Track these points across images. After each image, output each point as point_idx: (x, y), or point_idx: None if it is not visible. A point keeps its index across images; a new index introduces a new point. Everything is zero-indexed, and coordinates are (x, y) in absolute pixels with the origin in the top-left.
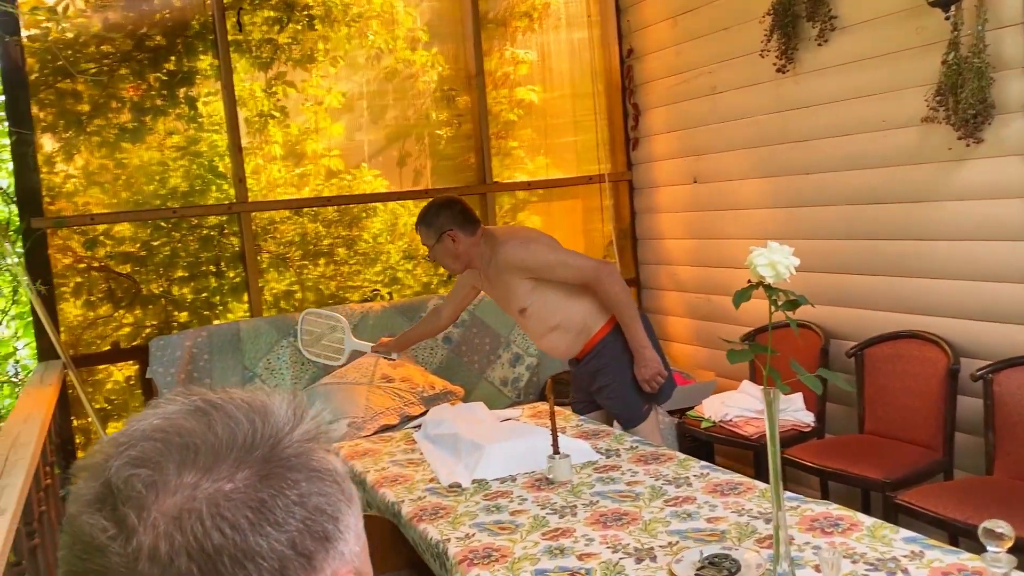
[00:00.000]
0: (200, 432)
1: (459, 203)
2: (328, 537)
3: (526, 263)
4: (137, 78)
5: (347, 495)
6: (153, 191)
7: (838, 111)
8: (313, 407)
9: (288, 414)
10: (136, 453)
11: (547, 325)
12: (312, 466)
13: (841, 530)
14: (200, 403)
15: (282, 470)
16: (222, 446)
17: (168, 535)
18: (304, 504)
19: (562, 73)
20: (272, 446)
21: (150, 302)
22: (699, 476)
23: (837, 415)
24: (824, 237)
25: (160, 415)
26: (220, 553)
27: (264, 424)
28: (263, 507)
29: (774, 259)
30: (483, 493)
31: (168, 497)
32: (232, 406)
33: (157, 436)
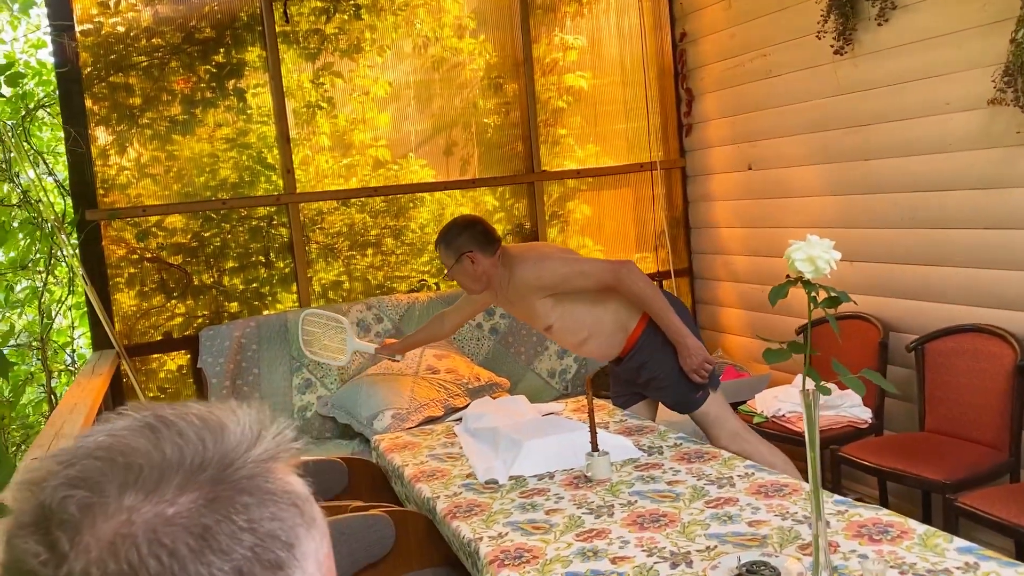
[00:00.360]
0: (146, 451)
1: (480, 223)
2: (280, 565)
3: (542, 281)
4: (187, 71)
5: (307, 518)
6: (203, 183)
7: (899, 94)
8: (276, 424)
9: (246, 433)
10: (75, 473)
11: (578, 337)
12: (267, 488)
13: (890, 538)
14: (151, 419)
15: (232, 493)
16: (168, 466)
17: (100, 562)
18: (254, 530)
19: (612, 58)
20: (223, 467)
21: (201, 292)
22: (743, 476)
23: (896, 412)
24: (884, 226)
25: (107, 431)
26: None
27: (216, 443)
28: (207, 533)
29: (813, 253)
30: (519, 490)
31: (105, 521)
32: (184, 422)
33: (99, 454)
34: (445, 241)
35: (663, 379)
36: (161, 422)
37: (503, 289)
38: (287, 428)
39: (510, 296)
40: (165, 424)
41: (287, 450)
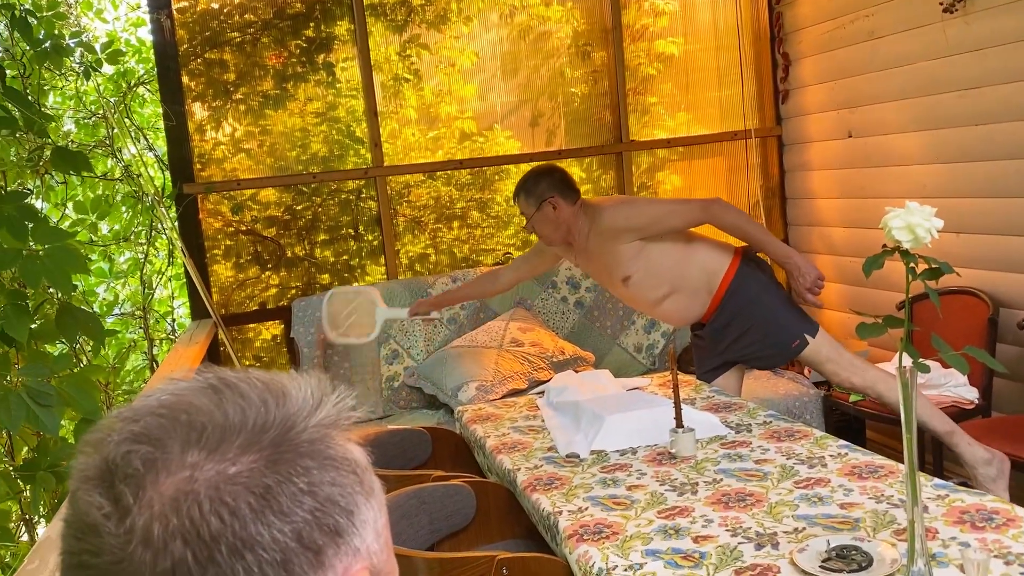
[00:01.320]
0: (208, 410)
1: (559, 171)
2: (339, 531)
3: (632, 221)
4: (278, 46)
5: (366, 487)
6: (295, 157)
7: (1014, 53)
8: (336, 392)
9: (307, 398)
10: (138, 428)
11: (657, 293)
12: (327, 454)
13: (995, 525)
14: (214, 380)
15: (293, 456)
16: (230, 426)
17: (163, 516)
18: (314, 494)
19: (705, 23)
20: (285, 430)
21: (294, 264)
22: (836, 456)
23: (1006, 391)
24: (996, 195)
25: (170, 391)
26: (217, 540)
27: (278, 406)
28: (268, 493)
29: (912, 221)
30: (600, 465)
31: (168, 477)
32: (247, 385)
33: (162, 412)
34: (525, 190)
35: (756, 331)
36: (224, 383)
37: (582, 240)
38: (347, 396)
39: (591, 247)
40: (227, 386)
41: (347, 418)
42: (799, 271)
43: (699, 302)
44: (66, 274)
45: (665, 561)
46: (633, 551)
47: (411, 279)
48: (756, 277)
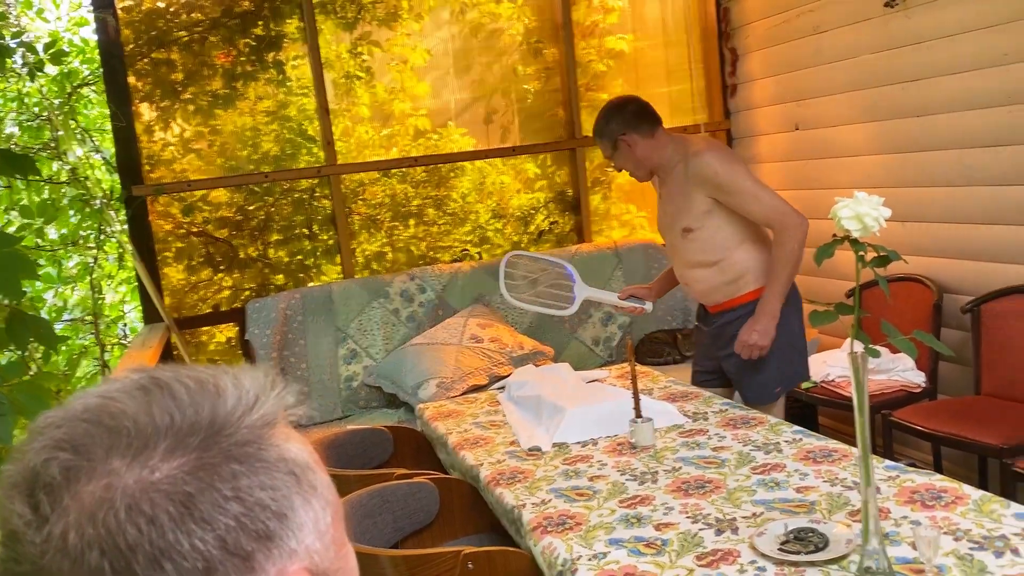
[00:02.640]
0: (133, 414)
1: (631, 103)
2: (270, 535)
3: (719, 179)
4: (227, 44)
5: (306, 487)
6: (246, 156)
7: (953, 46)
8: (278, 388)
9: (243, 397)
10: (60, 435)
11: (704, 258)
12: (259, 456)
13: (944, 504)
14: (146, 380)
15: (220, 460)
16: (156, 430)
17: (79, 526)
18: (241, 499)
19: (654, 19)
20: (214, 432)
21: (247, 265)
22: (791, 442)
23: (951, 375)
24: (938, 184)
25: (100, 392)
26: (134, 550)
27: (210, 407)
28: (189, 501)
29: (860, 211)
30: (563, 457)
31: (87, 485)
32: (178, 384)
33: (87, 416)
34: (598, 131)
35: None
36: (155, 384)
37: (668, 175)
38: (288, 393)
39: (673, 182)
40: (158, 386)
41: (286, 415)
42: (759, 329)
43: (726, 291)
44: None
45: (628, 549)
46: (597, 541)
47: (368, 278)
48: (787, 311)
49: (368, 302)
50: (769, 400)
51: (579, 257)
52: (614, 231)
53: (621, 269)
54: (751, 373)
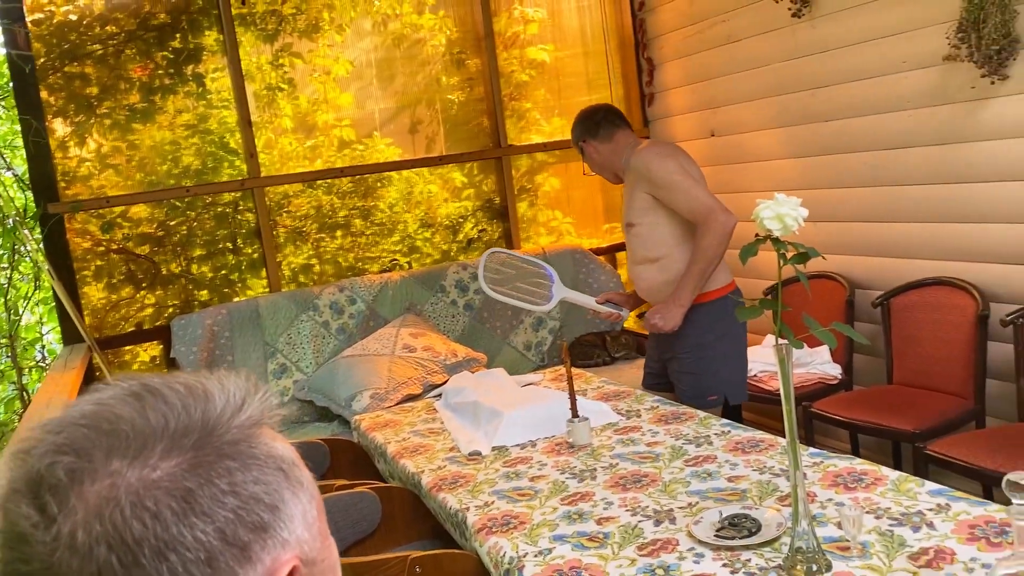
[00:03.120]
0: (130, 418)
1: (593, 111)
2: (264, 527)
3: (651, 174)
4: (144, 57)
5: (293, 481)
6: (166, 171)
7: (856, 54)
8: (262, 390)
9: (230, 399)
10: (61, 440)
11: (646, 253)
12: (250, 453)
13: (865, 485)
14: (137, 387)
15: (214, 457)
16: (152, 432)
17: (86, 523)
18: (237, 493)
19: (573, 30)
20: (206, 433)
21: (170, 282)
22: (720, 434)
23: (865, 366)
24: (847, 185)
25: (93, 400)
26: (140, 544)
27: (201, 410)
28: (189, 496)
29: (781, 211)
30: (503, 460)
31: (91, 485)
32: (169, 390)
33: (84, 422)
34: (572, 139)
35: (691, 361)
36: (146, 390)
37: (627, 174)
38: (271, 395)
39: (626, 182)
40: (150, 392)
41: (272, 416)
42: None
43: (667, 291)
44: None
45: (572, 544)
46: (541, 538)
47: (296, 291)
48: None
49: (297, 315)
50: (704, 406)
51: None
52: (542, 237)
53: None
54: (689, 378)
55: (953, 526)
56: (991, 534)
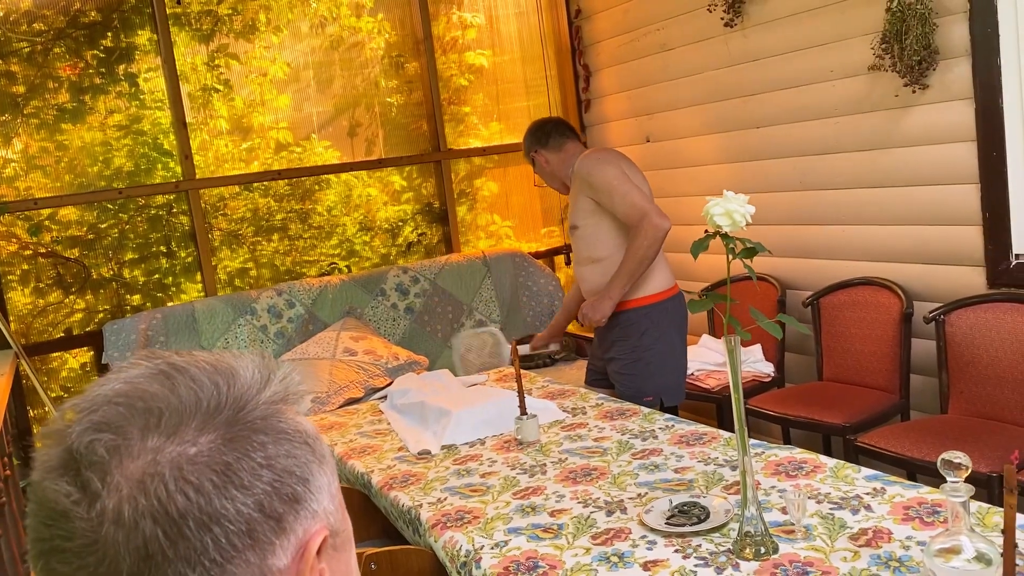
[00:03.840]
0: (163, 396)
1: (544, 123)
2: (297, 499)
3: (591, 178)
4: (73, 56)
5: (319, 455)
6: (97, 172)
7: (786, 63)
8: (282, 368)
9: (255, 376)
10: (98, 418)
11: (588, 254)
12: (280, 428)
13: (805, 472)
14: (164, 366)
15: (248, 432)
16: (186, 410)
17: (132, 498)
18: (272, 466)
19: (511, 36)
20: (238, 409)
21: (101, 286)
22: (664, 428)
23: (796, 364)
24: (778, 189)
25: (123, 379)
26: (185, 517)
27: (229, 387)
28: (228, 470)
29: (730, 208)
30: (453, 458)
31: (131, 461)
32: (196, 369)
33: (119, 400)
34: (524, 149)
35: (626, 363)
36: (174, 369)
37: (571, 182)
38: (293, 372)
39: (572, 185)
40: (178, 371)
41: (295, 392)
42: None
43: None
44: None
45: (527, 536)
46: (496, 531)
47: (233, 295)
48: (670, 322)
49: (234, 319)
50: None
51: (449, 267)
52: (481, 241)
53: (490, 277)
54: (626, 379)
55: (889, 508)
56: (924, 514)
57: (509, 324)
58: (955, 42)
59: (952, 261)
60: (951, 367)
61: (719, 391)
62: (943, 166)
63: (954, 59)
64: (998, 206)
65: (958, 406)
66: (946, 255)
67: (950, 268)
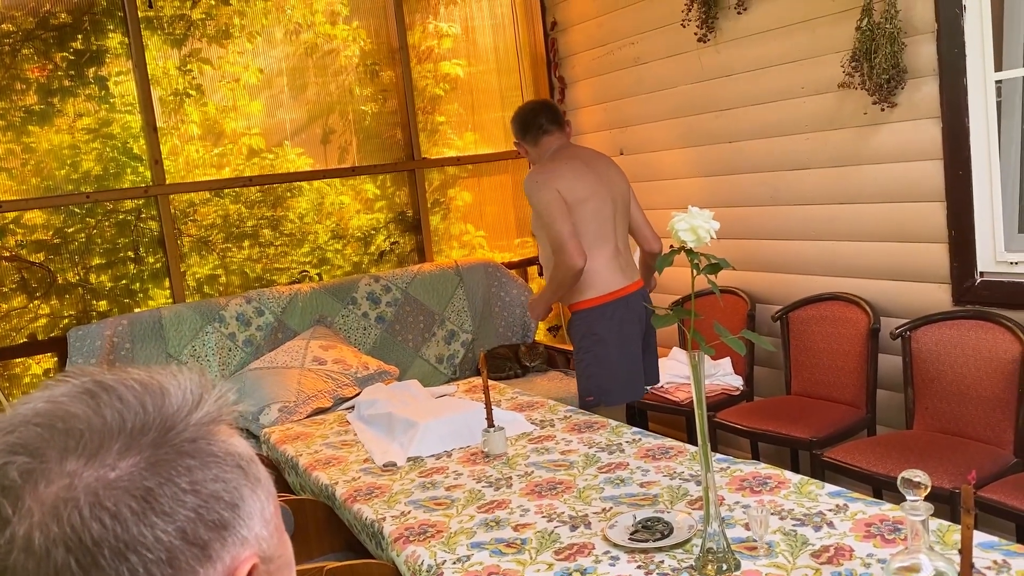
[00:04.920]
0: (86, 417)
1: (527, 112)
2: (225, 525)
3: (530, 198)
4: (42, 58)
5: (252, 478)
6: (65, 176)
7: (758, 79)
8: (218, 387)
9: (186, 396)
10: (14, 439)
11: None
12: (209, 451)
13: (769, 488)
14: (90, 384)
15: (174, 456)
16: (109, 431)
17: (43, 525)
18: (197, 491)
19: (487, 47)
20: (165, 430)
21: (67, 291)
22: (631, 442)
23: (765, 378)
24: (748, 204)
25: (46, 398)
26: (100, 545)
27: (157, 407)
28: (149, 495)
29: (695, 223)
30: (418, 470)
31: (47, 486)
32: (124, 388)
33: (39, 421)
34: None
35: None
36: (101, 387)
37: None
38: (228, 391)
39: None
40: (105, 389)
41: (229, 412)
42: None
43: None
44: None
45: (490, 551)
46: (459, 546)
47: (201, 302)
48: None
49: (202, 327)
50: (585, 406)
51: (421, 277)
52: (454, 251)
53: (463, 287)
54: (576, 379)
55: (851, 525)
56: (885, 531)
57: (481, 334)
58: (923, 62)
59: (919, 278)
60: (916, 383)
61: (688, 404)
62: (910, 184)
63: (922, 78)
64: (963, 224)
65: (923, 422)
66: (913, 272)
67: (917, 285)
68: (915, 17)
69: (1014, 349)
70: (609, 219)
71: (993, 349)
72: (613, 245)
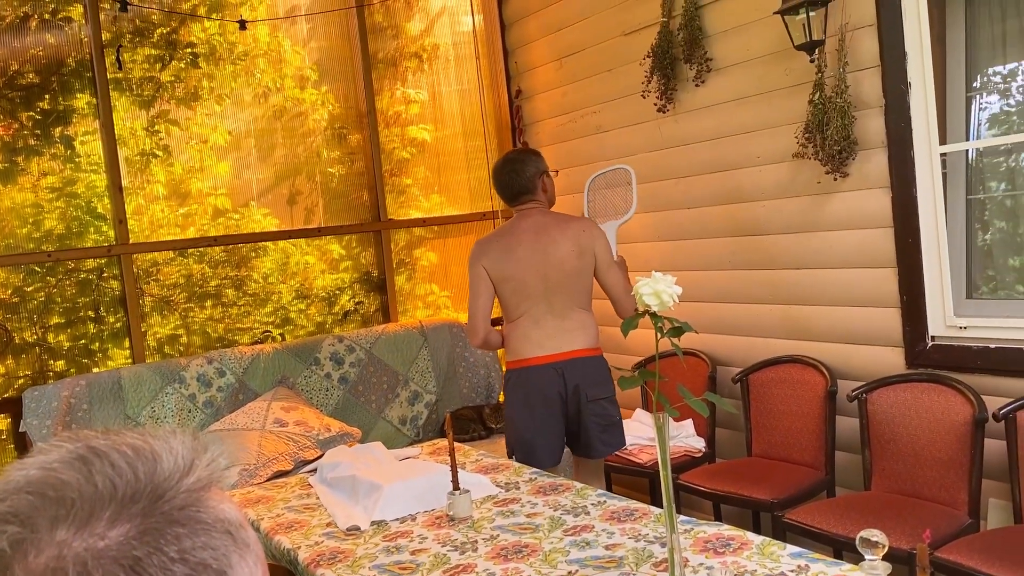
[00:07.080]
0: (77, 484)
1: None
2: None
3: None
4: (8, 117)
5: (240, 544)
6: (26, 234)
7: (716, 148)
8: (209, 451)
9: (178, 462)
10: (5, 508)
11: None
12: (199, 518)
13: (732, 549)
14: (83, 450)
15: (163, 524)
16: (100, 499)
17: None
18: (186, 560)
19: (453, 113)
20: (155, 498)
21: (23, 351)
22: (596, 504)
23: (726, 440)
24: (707, 268)
25: (40, 464)
26: None
27: (149, 474)
28: (138, 565)
29: (658, 288)
30: (383, 534)
31: (36, 556)
32: (117, 454)
33: (31, 489)
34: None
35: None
36: (93, 453)
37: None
38: (220, 456)
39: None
40: (97, 455)
41: (220, 478)
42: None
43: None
44: None
45: None
46: None
47: (161, 362)
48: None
49: (161, 387)
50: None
51: (385, 337)
52: (419, 311)
53: (427, 348)
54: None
55: None
56: None
57: (445, 395)
58: (872, 135)
59: (873, 341)
60: (873, 444)
61: (651, 466)
62: (864, 250)
63: (872, 150)
64: (914, 290)
65: (881, 483)
66: (868, 335)
67: (872, 348)
68: (864, 92)
69: (966, 412)
70: (536, 294)
71: (946, 412)
72: (533, 318)
